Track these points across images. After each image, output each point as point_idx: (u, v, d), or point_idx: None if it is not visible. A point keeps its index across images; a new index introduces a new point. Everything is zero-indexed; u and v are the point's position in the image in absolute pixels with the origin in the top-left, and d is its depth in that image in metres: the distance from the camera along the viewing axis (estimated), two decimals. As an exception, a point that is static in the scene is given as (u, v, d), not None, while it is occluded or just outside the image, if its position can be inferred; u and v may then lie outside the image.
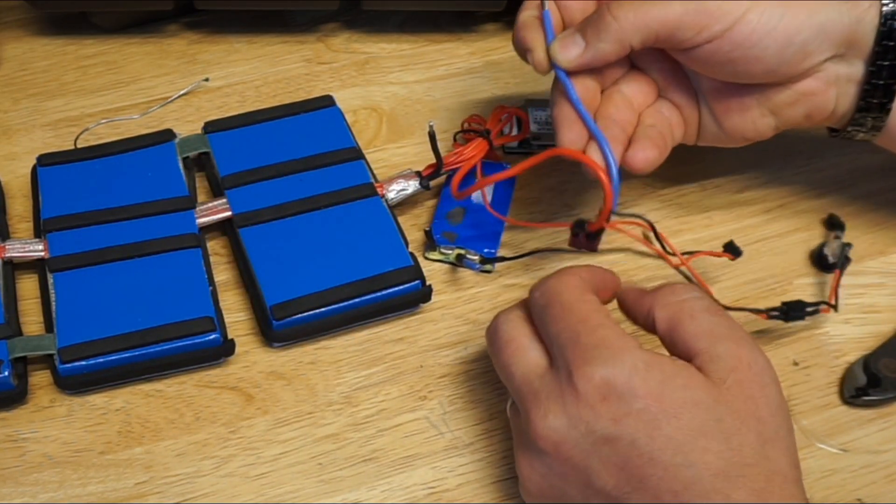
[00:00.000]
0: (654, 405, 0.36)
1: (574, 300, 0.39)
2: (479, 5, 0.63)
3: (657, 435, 0.35)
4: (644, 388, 0.36)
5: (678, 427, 0.36)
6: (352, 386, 0.47)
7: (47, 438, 0.45)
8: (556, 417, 0.37)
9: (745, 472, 0.35)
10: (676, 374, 0.37)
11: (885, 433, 0.46)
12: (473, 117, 0.55)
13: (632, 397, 0.36)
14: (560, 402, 0.37)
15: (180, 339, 0.46)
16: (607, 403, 0.36)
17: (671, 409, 0.36)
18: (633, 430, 0.36)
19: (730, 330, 0.39)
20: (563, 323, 0.38)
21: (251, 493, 0.43)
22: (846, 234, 0.53)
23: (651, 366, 0.37)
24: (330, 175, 0.53)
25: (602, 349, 0.37)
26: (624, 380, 0.36)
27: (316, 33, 0.65)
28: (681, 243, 0.53)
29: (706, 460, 0.35)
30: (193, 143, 0.55)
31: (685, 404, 0.36)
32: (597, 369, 0.36)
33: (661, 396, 0.36)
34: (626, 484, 0.36)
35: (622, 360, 0.36)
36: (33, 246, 0.50)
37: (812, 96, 0.46)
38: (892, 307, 0.51)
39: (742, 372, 0.37)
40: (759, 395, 0.37)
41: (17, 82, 0.61)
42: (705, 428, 0.36)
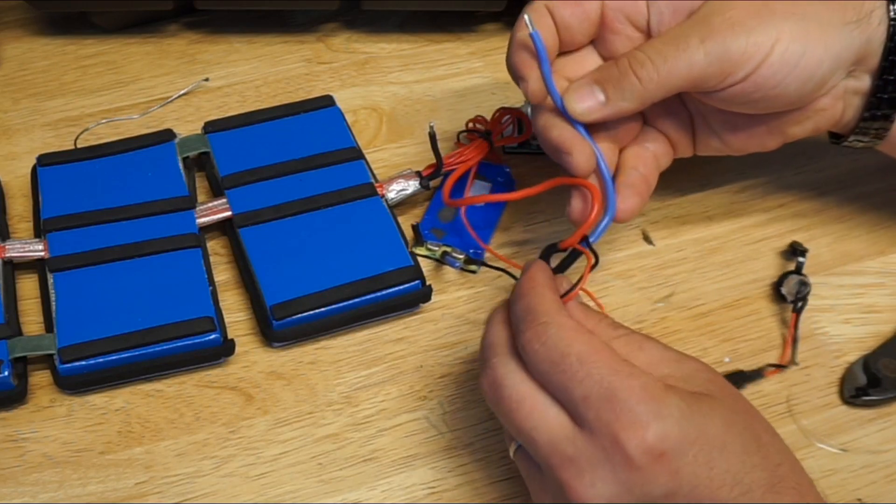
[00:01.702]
0: (705, 446, 0.35)
1: (589, 349, 0.36)
2: (479, 5, 0.63)
3: (714, 474, 0.35)
4: (694, 431, 0.35)
5: (729, 457, 0.35)
6: (352, 386, 0.47)
7: (47, 438, 0.45)
8: (606, 485, 0.35)
9: (780, 474, 0.35)
10: (701, 401, 0.36)
11: (885, 433, 0.46)
12: (478, 118, 0.56)
13: (687, 446, 0.34)
14: (609, 469, 0.35)
15: (180, 339, 0.46)
16: (664, 461, 0.34)
17: (718, 442, 0.35)
18: (693, 478, 0.34)
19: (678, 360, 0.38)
20: (588, 382, 0.35)
21: (251, 493, 0.43)
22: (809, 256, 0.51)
23: (690, 404, 0.35)
24: (330, 175, 0.53)
25: (645, 404, 0.34)
26: (677, 432, 0.34)
27: (316, 33, 0.65)
28: (681, 243, 0.53)
29: (756, 478, 0.35)
30: (193, 143, 0.55)
31: (724, 431, 0.35)
32: (648, 430, 0.34)
33: (706, 433, 0.35)
34: None
35: (668, 410, 0.35)
36: (33, 246, 0.50)
37: (822, 112, 0.46)
38: (892, 307, 0.50)
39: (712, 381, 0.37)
40: (732, 393, 0.38)
41: (17, 82, 0.61)
42: (746, 445, 0.35)
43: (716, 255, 0.52)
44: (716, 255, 0.52)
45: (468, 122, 0.55)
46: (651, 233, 0.53)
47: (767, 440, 0.37)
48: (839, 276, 0.52)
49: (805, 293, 0.49)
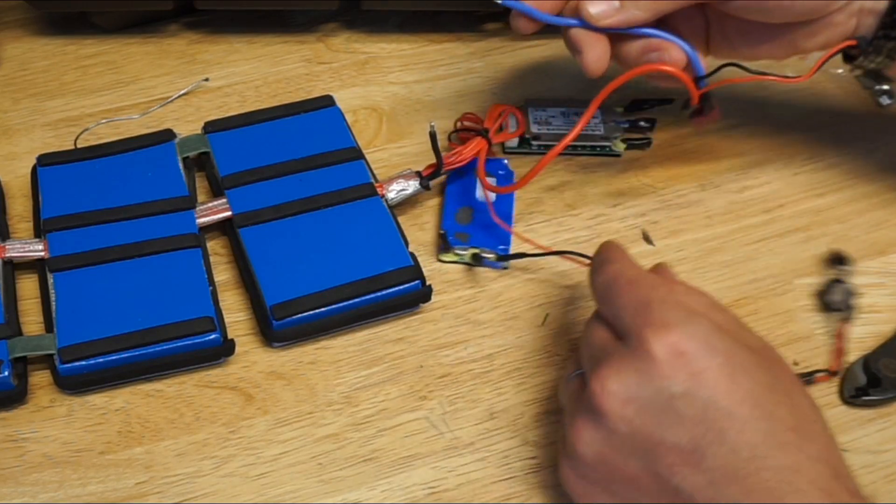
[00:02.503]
0: (731, 361, 0.36)
1: (639, 274, 0.40)
2: (479, 5, 0.63)
3: (736, 388, 0.36)
4: (721, 344, 0.36)
5: (755, 382, 0.36)
6: (352, 386, 0.47)
7: (47, 438, 0.45)
8: (627, 376, 0.37)
9: (808, 429, 0.36)
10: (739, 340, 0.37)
11: (885, 433, 0.46)
12: (467, 115, 0.55)
13: (711, 353, 0.36)
14: (631, 362, 0.37)
15: (180, 339, 0.46)
16: (684, 360, 0.36)
17: (747, 366, 0.36)
18: (713, 384, 0.36)
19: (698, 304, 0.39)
20: (631, 294, 0.39)
21: (251, 493, 0.43)
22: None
23: (723, 330, 0.37)
24: (330, 175, 0.53)
25: (677, 311, 0.37)
26: (703, 336, 0.36)
27: (316, 33, 0.65)
28: (681, 243, 0.53)
29: (780, 414, 0.36)
30: (193, 143, 0.55)
31: (751, 362, 0.37)
32: (673, 330, 0.36)
33: (735, 355, 0.36)
34: (703, 437, 0.36)
35: (698, 321, 0.37)
36: (33, 246, 0.50)
37: (833, 27, 0.47)
38: (892, 307, 0.50)
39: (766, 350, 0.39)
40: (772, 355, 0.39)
41: (17, 82, 0.61)
42: (774, 384, 0.36)
43: (716, 255, 0.53)
44: (716, 255, 0.53)
45: (457, 121, 0.55)
46: (651, 233, 0.53)
47: (803, 403, 0.37)
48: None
49: (853, 302, 0.49)
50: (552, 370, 0.48)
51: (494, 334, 0.49)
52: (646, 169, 0.57)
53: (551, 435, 0.45)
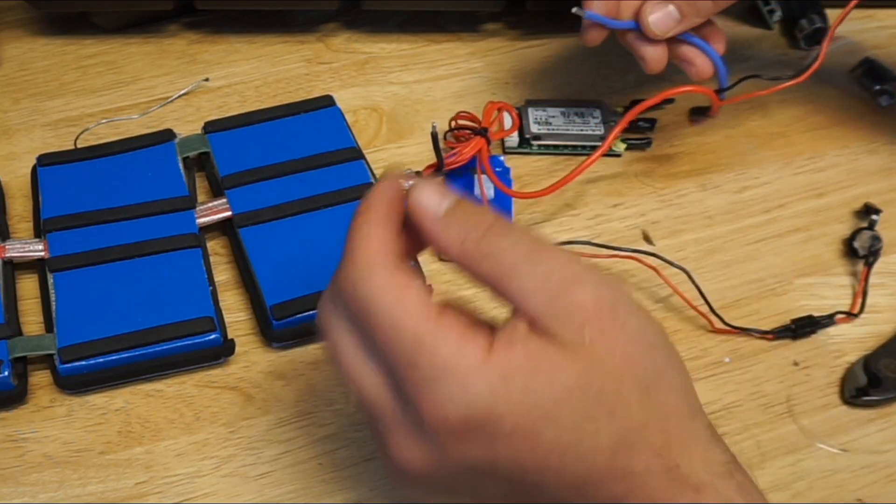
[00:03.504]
0: (525, 419, 0.31)
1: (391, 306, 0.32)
2: (479, 5, 0.63)
3: (538, 445, 0.32)
4: (507, 406, 0.31)
5: (559, 427, 0.32)
6: (352, 386, 0.47)
7: (47, 438, 0.45)
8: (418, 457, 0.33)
9: (638, 437, 0.32)
10: (537, 370, 0.32)
11: (886, 433, 0.46)
12: (461, 114, 0.55)
13: (499, 421, 0.31)
14: (418, 444, 0.33)
15: (180, 339, 0.46)
16: (471, 437, 0.32)
17: (547, 414, 0.32)
18: (512, 450, 0.32)
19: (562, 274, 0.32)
20: (391, 345, 0.32)
21: (251, 493, 0.43)
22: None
23: (508, 377, 0.31)
24: (330, 175, 0.53)
25: (447, 379, 0.31)
26: (484, 408, 0.31)
27: (316, 33, 0.65)
28: (681, 243, 0.53)
29: (598, 445, 0.32)
30: (193, 143, 0.55)
31: (559, 399, 0.32)
32: (449, 408, 0.31)
33: (531, 406, 0.31)
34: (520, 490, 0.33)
35: (475, 385, 0.31)
36: (33, 246, 0.50)
37: None
38: (892, 307, 0.51)
39: (595, 322, 0.32)
40: (623, 338, 0.32)
41: (17, 82, 0.61)
42: (588, 411, 0.32)
43: (716, 255, 0.52)
44: (716, 255, 0.52)
45: (451, 120, 0.55)
46: (651, 233, 0.53)
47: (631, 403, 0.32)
48: (840, 276, 0.52)
49: (878, 248, 0.51)
50: (552, 370, 0.48)
51: (494, 334, 0.49)
52: (646, 169, 0.57)
53: (551, 435, 0.45)
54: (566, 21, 0.51)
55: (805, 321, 0.49)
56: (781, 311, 0.50)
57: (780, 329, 0.49)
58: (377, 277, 0.33)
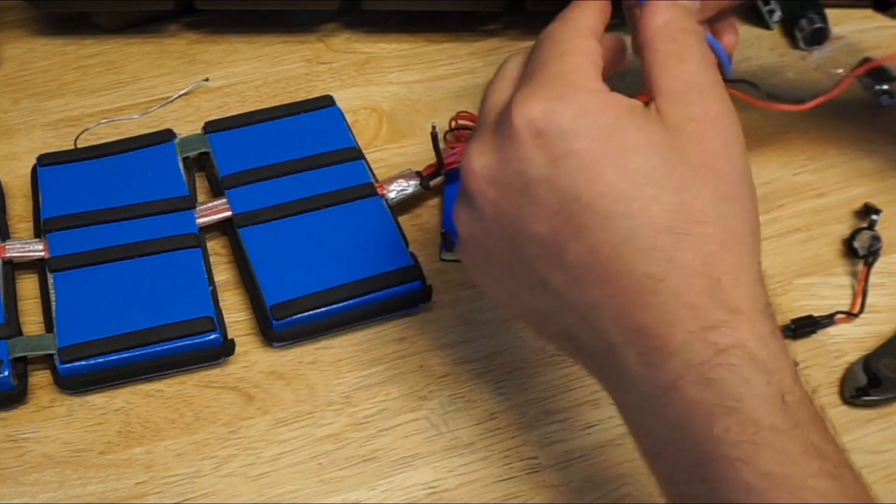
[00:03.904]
0: (598, 147, 0.32)
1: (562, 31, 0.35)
2: (479, 5, 0.63)
3: (598, 180, 0.32)
4: (590, 128, 0.32)
5: (624, 173, 0.32)
6: (352, 386, 0.47)
7: (47, 438, 0.45)
8: (486, 153, 0.34)
9: (694, 231, 0.32)
10: (632, 116, 0.33)
11: (885, 433, 0.46)
12: (461, 114, 0.55)
13: (573, 137, 0.32)
14: (495, 138, 0.34)
15: (180, 339, 0.46)
16: (542, 140, 0.32)
17: (618, 154, 0.32)
18: (572, 173, 0.32)
19: (710, 83, 0.35)
20: (538, 51, 0.35)
21: (251, 493, 0.43)
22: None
23: (606, 108, 0.33)
24: (330, 175, 0.53)
25: (556, 81, 0.33)
26: (568, 118, 0.32)
27: (316, 33, 0.65)
28: (681, 243, 0.53)
29: (651, 212, 0.32)
30: (193, 143, 0.55)
31: (635, 148, 0.32)
32: (538, 104, 0.33)
33: (608, 139, 0.32)
34: (562, 231, 0.33)
35: (573, 97, 0.33)
36: (33, 246, 0.50)
37: None
38: (892, 307, 0.50)
39: (705, 122, 0.34)
40: (720, 149, 0.34)
41: (17, 82, 0.61)
42: (655, 175, 0.32)
43: (716, 255, 0.52)
44: (716, 255, 0.52)
45: (452, 120, 0.55)
46: (651, 233, 0.53)
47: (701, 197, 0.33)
48: (839, 276, 0.52)
49: (878, 248, 0.51)
50: (552, 370, 0.48)
51: (494, 334, 0.49)
52: (646, 169, 0.57)
53: (552, 435, 0.45)
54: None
55: (805, 321, 0.49)
56: (781, 311, 0.50)
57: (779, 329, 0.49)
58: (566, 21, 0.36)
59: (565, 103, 0.33)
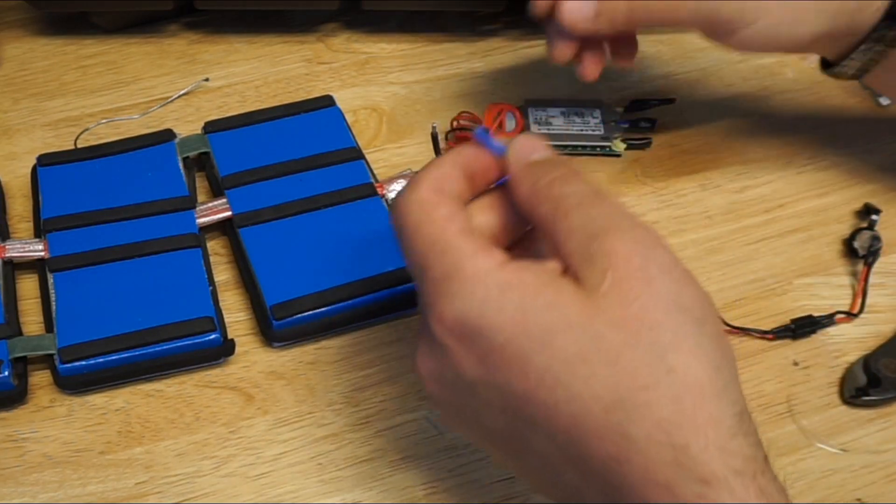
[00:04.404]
0: (516, 336, 0.31)
1: (420, 220, 0.33)
2: (479, 5, 0.63)
3: (529, 371, 0.31)
4: (500, 318, 0.31)
5: (551, 356, 0.30)
6: (352, 386, 0.47)
7: (47, 438, 0.45)
8: (427, 361, 0.34)
9: (642, 399, 0.30)
10: (540, 291, 0.31)
11: (885, 433, 0.46)
12: (462, 115, 0.55)
13: (489, 332, 0.31)
14: (428, 346, 0.34)
15: (180, 339, 0.46)
16: (466, 344, 0.32)
17: (539, 337, 0.31)
18: (503, 369, 0.31)
19: (608, 221, 0.32)
20: (411, 254, 0.34)
21: (251, 493, 0.43)
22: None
23: (507, 288, 0.31)
24: (330, 175, 0.53)
25: (449, 282, 0.32)
26: (476, 314, 0.31)
27: (316, 33, 0.65)
28: (681, 243, 0.53)
29: (593, 391, 0.30)
30: (193, 143, 0.55)
31: (554, 328, 0.30)
32: (445, 308, 0.32)
33: (523, 324, 0.31)
34: (516, 424, 0.32)
35: (472, 290, 0.31)
36: (33, 246, 0.50)
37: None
38: (892, 307, 0.50)
39: (619, 270, 0.31)
40: (645, 293, 0.31)
41: (17, 82, 0.61)
42: (583, 352, 0.30)
43: (716, 255, 0.52)
44: (716, 255, 0.52)
45: (453, 120, 0.55)
46: (651, 233, 0.53)
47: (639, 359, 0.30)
48: (840, 276, 0.52)
49: (878, 248, 0.51)
50: (552, 370, 0.48)
51: (494, 334, 0.49)
52: (646, 169, 0.57)
53: (551, 435, 0.45)
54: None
55: (805, 321, 0.49)
56: (781, 311, 0.50)
57: (779, 329, 0.49)
58: (417, 192, 0.34)
59: (467, 300, 0.31)
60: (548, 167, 0.34)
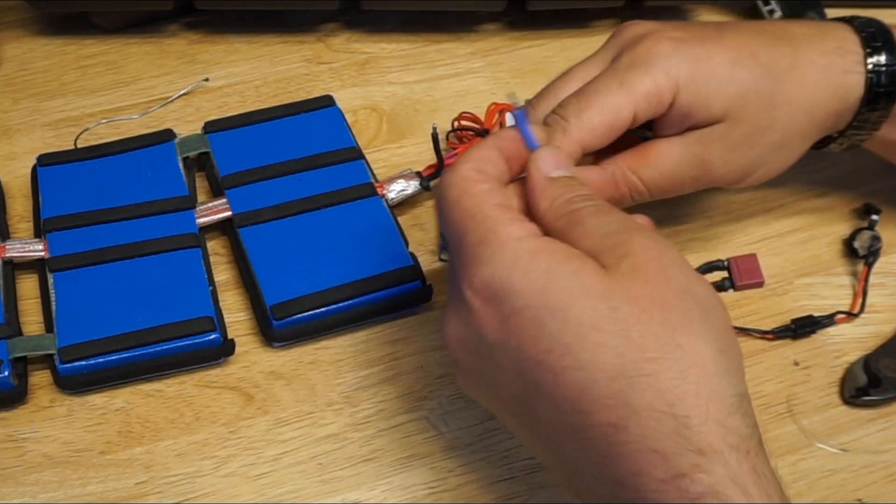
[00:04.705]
0: (536, 300, 0.32)
1: (460, 194, 0.36)
2: (479, 5, 0.63)
3: (542, 335, 0.32)
4: (524, 282, 0.33)
5: (565, 322, 0.32)
6: (352, 386, 0.47)
7: (47, 438, 0.45)
8: (455, 325, 0.35)
9: (648, 369, 0.31)
10: (566, 260, 0.33)
11: (886, 433, 0.46)
12: (464, 115, 0.55)
13: (512, 295, 0.33)
14: (456, 310, 0.35)
15: (180, 339, 0.46)
16: (491, 306, 0.33)
17: (557, 303, 0.32)
18: (519, 332, 0.33)
19: (623, 224, 0.35)
20: (450, 224, 0.36)
21: (251, 493, 0.43)
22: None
23: (536, 254, 0.33)
24: (330, 175, 0.53)
25: (483, 246, 0.34)
26: (503, 276, 0.33)
27: (316, 33, 0.65)
28: (681, 243, 0.53)
29: (601, 359, 0.31)
30: (193, 143, 0.55)
31: (573, 294, 0.32)
32: (476, 271, 0.34)
33: (545, 289, 0.32)
34: (526, 390, 0.33)
35: (502, 254, 0.33)
36: (33, 246, 0.50)
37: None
38: (892, 307, 0.51)
39: (635, 257, 0.33)
40: (659, 278, 0.33)
41: (17, 82, 0.61)
42: (597, 321, 0.32)
43: (716, 255, 0.52)
44: (716, 255, 0.52)
45: (454, 121, 0.55)
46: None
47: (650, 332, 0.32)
48: (840, 276, 0.52)
49: (878, 248, 0.51)
50: (552, 370, 0.48)
51: (494, 334, 0.49)
52: (646, 169, 0.57)
53: (551, 435, 0.45)
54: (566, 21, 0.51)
55: (805, 321, 0.49)
56: (781, 311, 0.50)
57: (780, 329, 0.49)
58: (459, 170, 0.36)
59: (497, 263, 0.33)
60: (567, 186, 0.36)
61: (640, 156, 0.44)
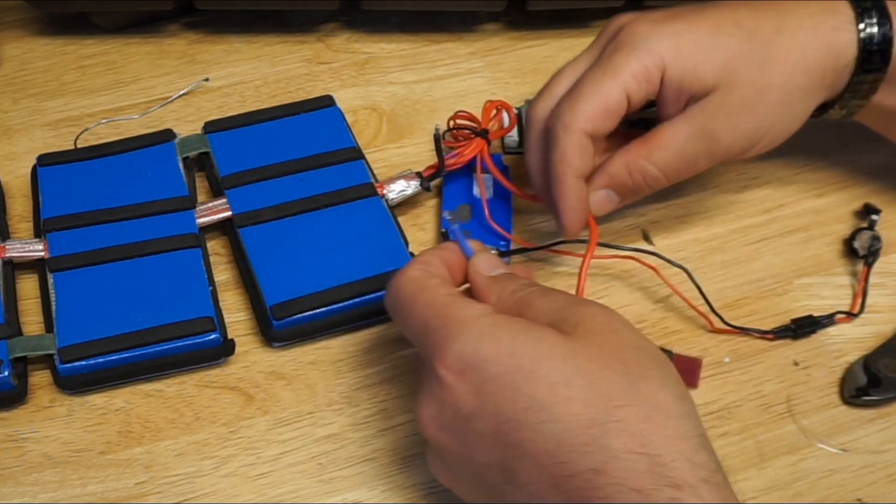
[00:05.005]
0: (507, 364, 0.35)
1: (416, 290, 0.39)
2: (479, 5, 0.63)
3: (518, 395, 0.35)
4: (494, 349, 0.35)
5: (537, 382, 0.35)
6: (352, 386, 0.47)
7: (47, 438, 0.45)
8: (429, 406, 0.37)
9: (617, 415, 0.34)
10: (528, 327, 0.36)
11: (886, 433, 0.46)
12: (460, 114, 0.55)
13: (484, 363, 0.35)
14: (429, 391, 0.37)
15: (180, 339, 0.46)
16: (465, 378, 0.36)
17: (527, 365, 0.35)
18: (495, 397, 0.35)
19: (569, 299, 0.38)
20: (412, 318, 0.38)
21: (251, 493, 0.43)
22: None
23: (499, 326, 0.36)
24: (330, 175, 0.53)
25: (448, 328, 0.36)
26: (472, 348, 0.36)
27: (316, 33, 0.65)
28: (681, 243, 0.53)
29: (573, 411, 0.34)
30: (193, 143, 0.55)
31: (539, 356, 0.35)
32: (446, 350, 0.36)
33: (513, 353, 0.35)
34: (506, 455, 0.35)
35: (468, 330, 0.36)
36: (33, 246, 0.50)
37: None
38: (892, 307, 0.51)
39: (588, 323, 0.36)
40: (613, 339, 0.36)
41: (17, 82, 0.61)
42: (565, 377, 0.35)
43: (716, 255, 0.52)
44: (716, 255, 0.52)
45: (450, 120, 0.55)
46: (651, 233, 0.53)
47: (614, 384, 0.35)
48: (840, 276, 0.52)
49: (878, 248, 0.51)
50: (552, 370, 0.48)
51: (494, 334, 0.49)
52: (646, 169, 0.57)
53: (551, 435, 0.45)
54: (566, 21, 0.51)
55: (805, 321, 0.49)
56: (781, 311, 0.50)
57: (780, 329, 0.49)
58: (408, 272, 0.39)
59: (465, 338, 0.36)
60: (507, 281, 0.40)
61: (650, 142, 0.46)
